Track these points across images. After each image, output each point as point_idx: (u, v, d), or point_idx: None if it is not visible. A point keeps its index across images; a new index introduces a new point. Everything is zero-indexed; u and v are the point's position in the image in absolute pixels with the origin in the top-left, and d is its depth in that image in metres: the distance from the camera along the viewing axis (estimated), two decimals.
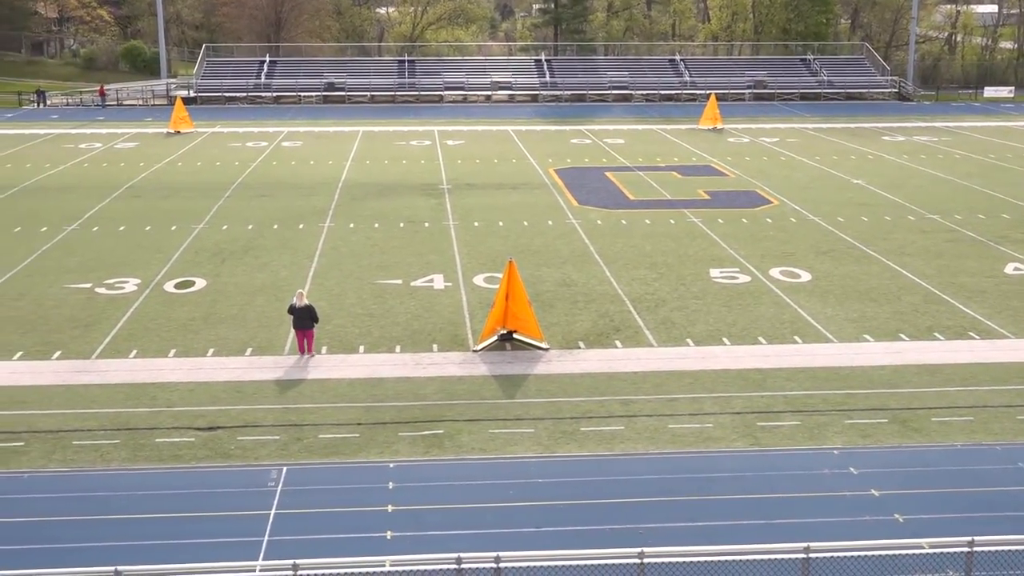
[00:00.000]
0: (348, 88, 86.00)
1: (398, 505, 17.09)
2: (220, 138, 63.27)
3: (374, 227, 37.66)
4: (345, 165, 52.22)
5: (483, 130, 66.94)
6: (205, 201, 42.48)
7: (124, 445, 19.49)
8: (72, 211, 40.46)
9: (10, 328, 26.18)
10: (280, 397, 21.82)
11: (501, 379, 22.78)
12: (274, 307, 27.65)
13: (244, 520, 16.63)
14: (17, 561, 14.71)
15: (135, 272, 31.39)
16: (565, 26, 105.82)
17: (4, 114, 77.10)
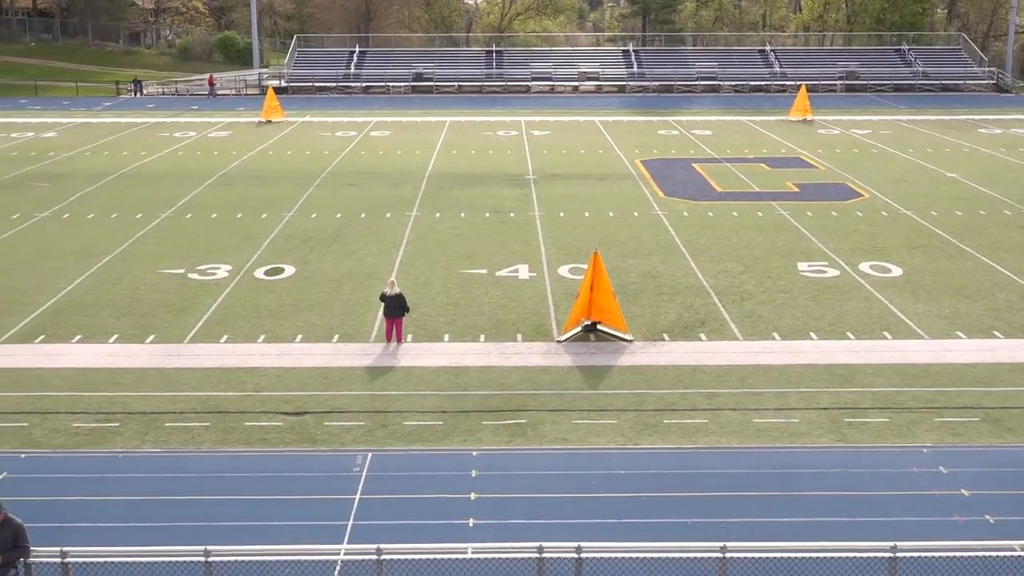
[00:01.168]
0: (436, 78, 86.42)
1: (480, 493, 17.18)
2: (310, 127, 64.06)
3: (460, 217, 37.84)
4: (432, 155, 52.51)
5: (570, 121, 66.80)
6: (295, 189, 43.07)
7: (214, 428, 19.89)
8: (166, 198, 41.32)
9: (107, 312, 26.85)
10: (366, 383, 22.06)
11: (584, 370, 22.76)
12: (361, 295, 27.95)
13: (329, 504, 16.86)
14: (110, 538, 15.11)
15: (226, 258, 31.96)
16: (654, 16, 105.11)
17: (102, 103, 78.99)
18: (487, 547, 14.06)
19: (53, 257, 32.23)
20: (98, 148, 55.32)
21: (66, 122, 66.84)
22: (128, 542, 14.49)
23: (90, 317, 26.39)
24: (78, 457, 18.72)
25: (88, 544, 13.99)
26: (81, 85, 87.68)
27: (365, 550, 13.19)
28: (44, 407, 20.83)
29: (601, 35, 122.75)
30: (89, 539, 14.72)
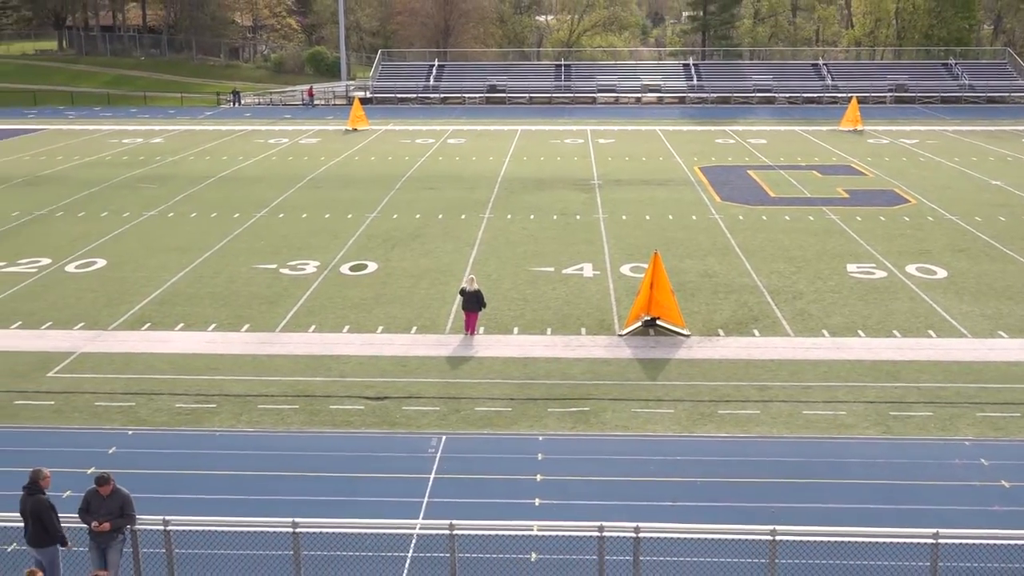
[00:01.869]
0: (509, 90, 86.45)
1: (546, 475, 17.17)
2: (392, 135, 64.46)
3: (530, 218, 37.82)
4: (504, 161, 52.56)
5: (633, 130, 66.44)
6: (378, 192, 43.37)
7: (302, 410, 20.11)
8: (261, 199, 41.85)
9: (206, 302, 27.28)
10: (441, 372, 22.15)
11: (644, 362, 22.63)
12: (438, 290, 28.07)
13: (406, 482, 16.97)
14: (207, 509, 15.32)
15: (315, 255, 32.28)
16: (713, 32, 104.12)
17: (204, 112, 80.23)
18: (551, 525, 14.04)
19: (159, 252, 32.81)
20: (200, 153, 56.20)
21: (171, 129, 68.00)
22: (223, 513, 14.68)
23: (191, 307, 26.83)
24: (179, 434, 19.05)
25: (187, 513, 14.19)
26: (185, 96, 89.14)
27: (439, 525, 13.25)
28: (150, 388, 21.22)
29: (663, 50, 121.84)
30: (188, 509, 14.94)
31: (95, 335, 24.62)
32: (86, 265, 31.23)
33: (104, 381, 21.65)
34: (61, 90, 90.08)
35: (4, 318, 25.88)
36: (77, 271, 30.56)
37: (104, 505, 12.92)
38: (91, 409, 20.24)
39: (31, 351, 23.49)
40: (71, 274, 30.23)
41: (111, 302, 27.27)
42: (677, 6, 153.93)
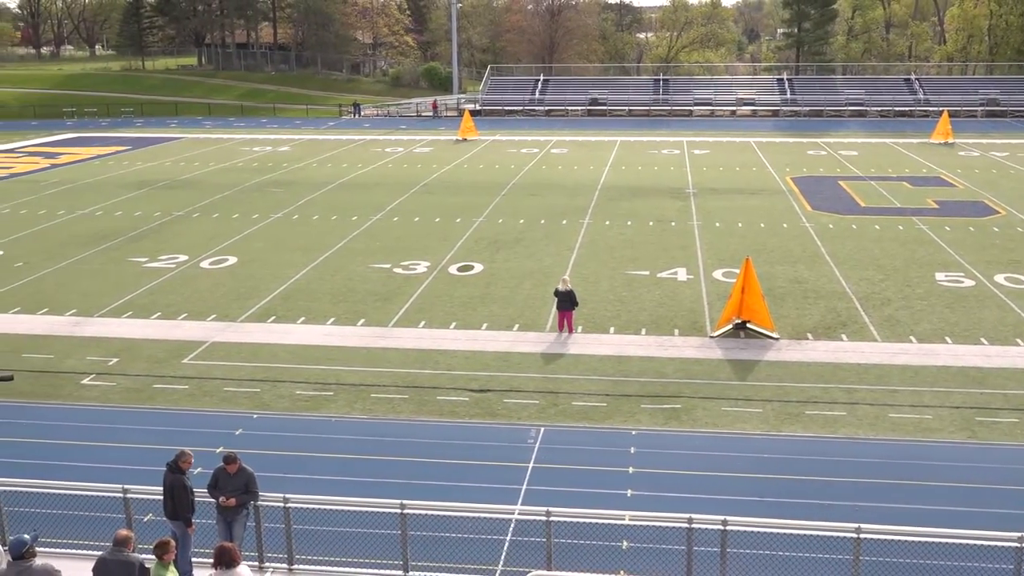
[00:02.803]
0: (609, 103, 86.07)
1: (638, 468, 17.04)
2: (499, 145, 64.74)
3: (627, 224, 37.58)
4: (604, 170, 52.33)
5: (727, 141, 65.48)
6: (485, 198, 43.61)
7: (411, 400, 20.33)
8: (377, 203, 42.45)
9: (326, 298, 27.78)
10: (541, 367, 22.16)
11: (734, 363, 22.28)
12: (539, 291, 28.09)
13: (506, 470, 17.01)
14: (323, 489, 15.59)
15: (425, 256, 32.61)
16: (807, 48, 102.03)
17: (327, 122, 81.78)
18: (643, 515, 13.90)
19: (284, 251, 33.54)
20: (323, 160, 57.30)
21: (297, 138, 69.48)
22: (337, 493, 14.91)
23: (312, 302, 27.36)
24: (299, 419, 19.44)
25: (306, 492, 14.46)
26: (311, 108, 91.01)
27: (536, 511, 13.24)
28: (273, 376, 21.71)
29: (758, 65, 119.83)
30: (306, 488, 15.23)
31: (225, 326, 25.29)
32: (219, 262, 32.11)
33: (233, 368, 22.23)
34: (199, 102, 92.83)
35: (145, 309, 26.78)
36: (211, 267, 31.44)
37: (231, 482, 13.24)
38: (221, 394, 20.80)
39: (168, 339, 24.26)
40: (205, 270, 31.12)
41: (240, 296, 27.97)
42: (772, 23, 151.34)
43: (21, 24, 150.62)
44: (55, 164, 56.73)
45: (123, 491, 13.65)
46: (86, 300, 27.65)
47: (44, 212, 41.15)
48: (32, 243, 35.22)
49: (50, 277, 30.37)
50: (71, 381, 21.59)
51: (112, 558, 11.04)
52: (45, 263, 32.08)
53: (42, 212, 41.17)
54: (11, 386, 20.31)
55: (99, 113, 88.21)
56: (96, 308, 26.90)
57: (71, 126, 79.40)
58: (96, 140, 68.85)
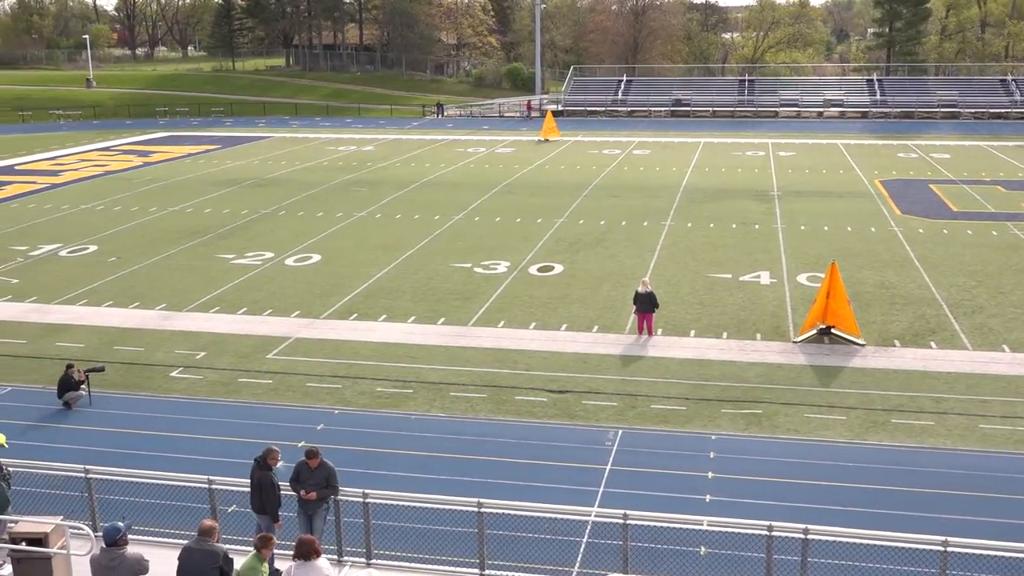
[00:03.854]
0: (693, 104, 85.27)
1: (717, 473, 16.84)
2: (581, 146, 64.60)
3: (709, 227, 37.17)
4: (687, 172, 51.85)
5: (814, 143, 64.30)
6: (566, 199, 43.56)
7: (490, 399, 20.40)
8: (459, 203, 42.71)
9: (407, 296, 28.05)
10: (620, 369, 22.05)
11: (818, 369, 21.87)
12: (619, 292, 27.94)
13: (584, 472, 16.96)
14: (402, 485, 15.73)
15: (506, 256, 32.70)
16: (898, 48, 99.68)
17: (411, 122, 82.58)
18: (721, 521, 13.73)
19: (367, 249, 33.96)
20: (406, 160, 57.87)
21: (381, 138, 70.30)
22: (416, 489, 15.04)
23: (393, 300, 27.64)
24: (379, 416, 19.65)
25: (384, 488, 14.61)
26: (395, 108, 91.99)
27: (613, 514, 13.17)
28: (354, 373, 21.99)
29: (847, 65, 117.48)
30: (385, 484, 15.38)
31: (309, 322, 25.71)
32: (303, 259, 32.66)
33: (315, 364, 22.58)
34: (286, 102, 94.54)
35: (232, 305, 27.37)
36: (296, 265, 32.00)
37: (312, 476, 13.44)
38: (303, 389, 21.15)
39: (254, 335, 24.75)
40: (290, 267, 31.68)
41: (324, 293, 28.40)
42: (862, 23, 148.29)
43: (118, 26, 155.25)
44: (148, 162, 58.35)
45: (208, 482, 13.96)
46: (176, 295, 28.38)
47: (137, 209, 42.35)
48: (125, 239, 36.28)
49: (142, 272, 31.24)
50: (160, 373, 22.19)
51: (197, 547, 11.30)
52: (137, 258, 33.02)
53: (135, 209, 42.38)
54: (103, 377, 20.95)
55: (190, 113, 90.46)
56: (185, 303, 27.59)
57: (163, 125, 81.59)
58: (187, 139, 70.63)
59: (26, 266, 32.22)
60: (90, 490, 14.27)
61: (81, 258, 33.34)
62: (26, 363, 23.01)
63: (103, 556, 11.17)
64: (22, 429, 19.01)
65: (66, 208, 42.90)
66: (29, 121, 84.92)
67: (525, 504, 14.00)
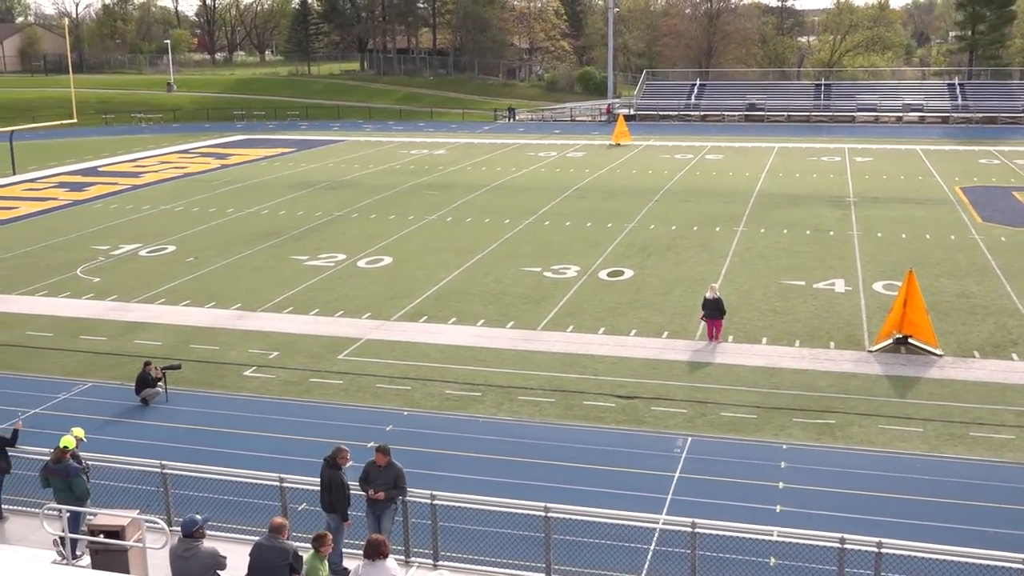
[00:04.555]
0: (767, 108, 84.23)
1: (788, 483, 16.58)
2: (653, 150, 64.25)
3: (783, 233, 36.66)
4: (760, 177, 51.20)
5: (892, 149, 63.02)
6: (637, 204, 43.34)
7: (557, 404, 20.37)
8: (529, 207, 42.76)
9: (477, 300, 28.16)
10: (689, 376, 21.86)
11: (893, 379, 21.41)
12: (690, 298, 27.71)
13: (652, 479, 16.85)
14: (469, 487, 15.76)
15: (576, 260, 32.64)
16: (981, 52, 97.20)
17: (482, 126, 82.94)
18: (792, 532, 13.51)
19: (438, 252, 34.18)
20: (477, 164, 58.13)
21: (453, 142, 70.73)
22: (482, 492, 15.06)
23: (463, 303, 27.77)
24: (447, 418, 19.76)
25: (451, 490, 14.68)
26: (466, 112, 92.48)
27: (681, 522, 13.06)
28: (423, 375, 22.14)
29: (927, 69, 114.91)
30: (452, 486, 15.45)
31: (379, 324, 25.96)
32: (375, 261, 33.00)
33: (385, 366, 22.79)
34: (360, 106, 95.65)
35: (304, 306, 27.77)
36: (367, 267, 32.35)
37: (380, 476, 13.56)
38: (373, 390, 21.36)
39: (325, 335, 25.08)
40: (362, 269, 32.03)
41: (394, 295, 28.66)
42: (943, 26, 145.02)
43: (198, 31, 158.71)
44: (225, 164, 59.53)
45: (279, 480, 14.18)
46: (250, 295, 28.88)
47: (214, 210, 43.23)
48: (203, 239, 37.05)
49: (218, 272, 31.87)
50: (234, 372, 22.60)
51: (267, 544, 11.48)
52: (214, 259, 33.69)
53: (212, 210, 43.26)
54: (179, 374, 21.42)
55: (267, 116, 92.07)
56: (259, 303, 28.07)
57: (241, 128, 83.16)
58: (263, 142, 71.89)
59: (107, 265, 33.11)
60: (165, 485, 14.61)
61: (160, 258, 34.14)
62: (106, 360, 23.63)
63: (179, 546, 11.43)
64: (101, 424, 19.53)
65: (146, 209, 43.97)
66: (112, 124, 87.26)
67: (592, 510, 13.95)
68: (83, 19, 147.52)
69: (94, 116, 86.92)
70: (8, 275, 31.86)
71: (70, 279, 31.22)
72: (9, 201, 46.67)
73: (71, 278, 31.34)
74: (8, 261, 33.97)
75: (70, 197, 47.67)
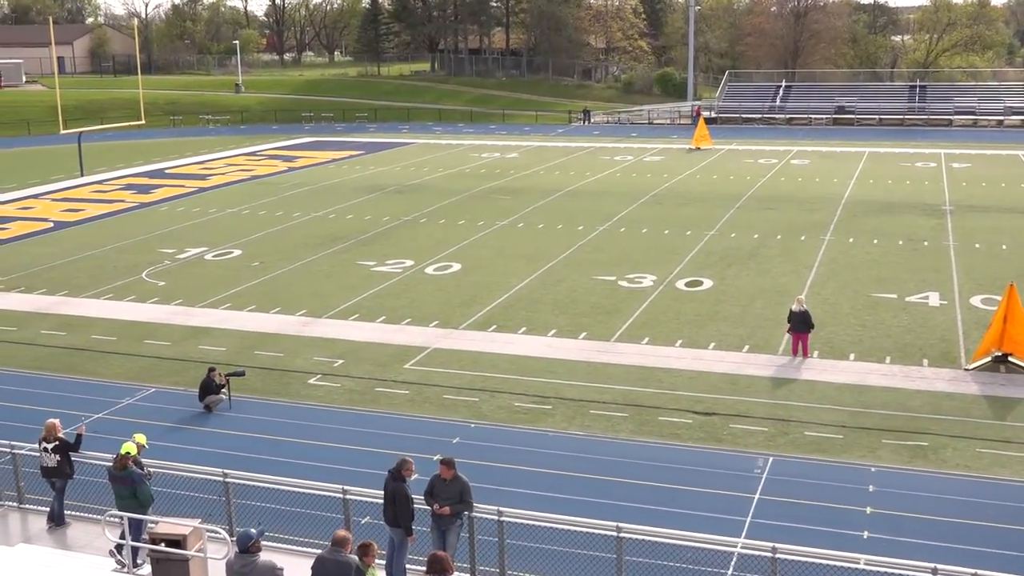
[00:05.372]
0: (857, 111, 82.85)
1: (877, 508, 16.23)
2: (735, 155, 63.62)
3: (873, 243, 35.98)
4: (849, 183, 50.35)
5: (991, 154, 61.46)
6: (717, 210, 42.94)
7: (631, 419, 20.24)
8: (604, 213, 42.64)
9: (548, 309, 28.14)
10: (771, 392, 21.54)
11: (992, 400, 20.83)
12: (772, 311, 27.33)
13: (730, 500, 16.63)
14: (537, 504, 15.69)
15: (652, 269, 32.44)
16: None
17: (556, 129, 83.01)
18: (880, 560, 13.18)
19: (508, 259, 34.26)
20: (550, 168, 58.17)
21: (525, 145, 70.91)
22: (551, 510, 15.00)
23: (534, 312, 27.78)
24: (516, 432, 19.76)
25: (520, 506, 14.63)
26: (540, 114, 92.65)
27: (761, 547, 12.84)
28: (492, 386, 22.18)
29: None
30: (520, 502, 15.41)
31: (447, 333, 26.09)
32: (443, 268, 33.19)
33: (452, 376, 22.89)
34: (430, 107, 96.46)
35: (371, 312, 28.03)
36: (435, 273, 32.55)
37: (446, 490, 13.59)
38: (440, 401, 21.46)
39: (391, 344, 25.28)
40: (430, 276, 32.24)
41: (463, 303, 28.79)
42: None
43: (267, 32, 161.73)
44: (292, 167, 60.50)
45: (343, 492, 14.31)
46: (316, 301, 29.26)
47: (281, 213, 43.93)
48: (268, 244, 37.67)
49: (284, 277, 32.36)
50: (298, 380, 22.91)
51: (330, 557, 11.58)
52: (280, 263, 34.22)
53: (279, 213, 43.96)
54: (243, 381, 21.78)
55: (335, 118, 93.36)
56: (325, 309, 28.42)
57: (308, 130, 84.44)
58: (331, 144, 72.88)
59: (173, 269, 33.84)
60: (227, 494, 14.84)
61: (225, 262, 34.79)
62: (170, 365, 24.13)
63: (236, 561, 11.57)
64: (164, 430, 19.94)
65: (213, 212, 44.88)
66: (180, 125, 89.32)
67: (667, 531, 13.80)
68: (152, 19, 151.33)
69: (162, 117, 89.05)
70: (74, 278, 32.76)
71: (135, 282, 31.99)
72: (76, 203, 48.02)
73: (136, 281, 32.11)
74: (74, 264, 34.93)
75: (137, 199, 48.88)
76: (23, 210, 46.37)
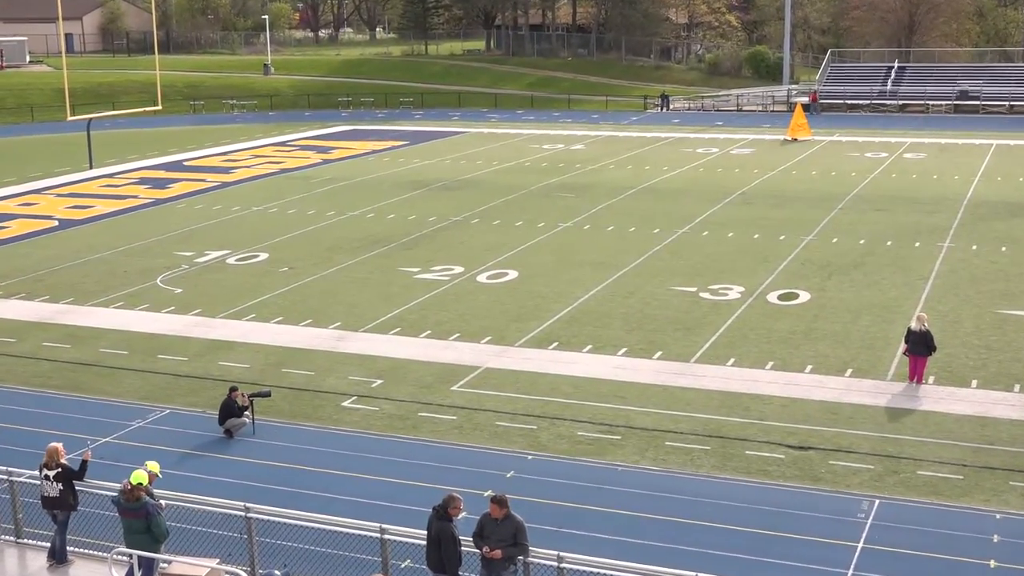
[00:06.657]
0: (983, 96, 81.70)
1: (1003, 562, 15.97)
2: (838, 147, 63.07)
3: (1000, 250, 35.45)
4: (973, 181, 49.68)
5: None
6: (816, 212, 42.60)
7: (714, 453, 20.14)
8: (684, 214, 42.51)
9: (617, 324, 28.10)
10: (878, 424, 21.31)
11: None
12: (880, 328, 27.05)
13: (828, 548, 16.48)
14: (603, 549, 15.65)
15: (739, 279, 32.26)
16: None
17: (629, 116, 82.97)
18: None
19: (572, 267, 34.29)
20: (622, 162, 58.14)
21: (593, 135, 70.96)
22: (620, 555, 14.95)
23: (601, 328, 27.76)
24: (580, 465, 19.74)
25: (581, 552, 14.60)
26: (611, 99, 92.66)
27: None
28: (552, 412, 22.20)
29: None
30: (583, 547, 15.37)
31: (501, 350, 26.17)
32: (497, 276, 33.31)
33: (507, 400, 22.95)
34: (485, 92, 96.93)
35: (414, 326, 28.22)
36: (488, 282, 32.68)
37: (497, 531, 13.61)
38: (492, 428, 21.53)
39: (437, 362, 25.42)
40: (482, 285, 32.38)
41: (520, 317, 28.86)
42: None
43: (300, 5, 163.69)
44: (327, 159, 61.18)
45: (380, 531, 14.38)
46: (352, 312, 29.53)
47: (313, 212, 44.43)
48: (299, 246, 38.11)
49: (315, 285, 32.71)
50: (331, 402, 23.12)
51: None
52: (311, 269, 34.60)
53: (311, 212, 44.47)
54: (268, 403, 22.01)
55: (376, 103, 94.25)
56: (362, 322, 28.67)
57: (345, 117, 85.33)
58: (371, 133, 73.57)
59: (191, 274, 34.37)
60: (250, 531, 14.98)
61: (250, 267, 35.26)
62: (186, 383, 24.49)
63: None
64: (179, 457, 20.23)
65: (236, 210, 45.52)
66: (201, 112, 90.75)
67: None
68: None
69: (181, 102, 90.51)
70: (81, 284, 33.40)
71: (149, 289, 32.54)
72: (84, 199, 49.01)
73: (150, 288, 32.66)
74: (81, 268, 35.63)
75: (151, 195, 49.77)
76: (24, 206, 47.47)
